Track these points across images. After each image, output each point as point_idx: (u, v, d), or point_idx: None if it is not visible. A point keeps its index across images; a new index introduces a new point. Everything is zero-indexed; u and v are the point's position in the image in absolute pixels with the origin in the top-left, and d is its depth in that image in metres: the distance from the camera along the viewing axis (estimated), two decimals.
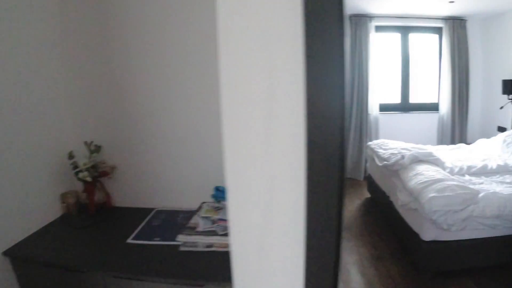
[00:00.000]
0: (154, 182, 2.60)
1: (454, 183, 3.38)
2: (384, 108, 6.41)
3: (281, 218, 1.11)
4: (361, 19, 5.88)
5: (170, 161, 2.55)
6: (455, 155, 4.90)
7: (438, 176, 3.55)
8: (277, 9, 0.96)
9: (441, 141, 6.55)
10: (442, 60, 6.31)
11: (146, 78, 2.44)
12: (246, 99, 1.00)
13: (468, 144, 6.27)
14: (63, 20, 2.42)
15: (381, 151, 4.62)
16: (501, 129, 6.11)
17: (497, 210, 3.30)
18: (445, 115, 6.43)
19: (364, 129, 6.11)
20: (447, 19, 6.15)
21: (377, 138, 6.18)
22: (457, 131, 6.46)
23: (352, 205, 5.20)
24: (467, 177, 4.03)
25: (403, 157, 4.08)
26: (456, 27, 6.17)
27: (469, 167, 4.22)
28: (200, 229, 2.05)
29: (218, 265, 1.80)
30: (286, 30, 0.94)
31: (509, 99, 5.78)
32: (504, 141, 4.90)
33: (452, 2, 5.18)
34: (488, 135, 6.27)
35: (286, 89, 0.95)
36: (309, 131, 0.96)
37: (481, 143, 5.36)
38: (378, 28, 6.20)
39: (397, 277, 3.51)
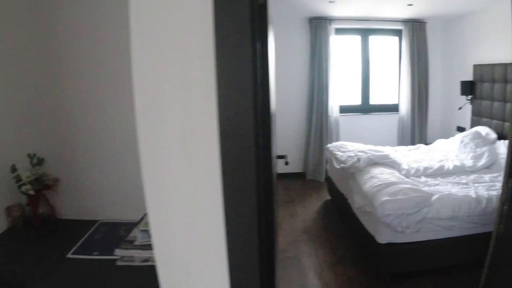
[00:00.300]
0: (98, 194, 2.53)
1: (407, 186, 3.38)
2: (344, 109, 6.42)
3: (204, 235, 1.14)
4: (321, 22, 5.87)
5: (113, 172, 2.48)
6: (413, 156, 4.93)
7: (392, 179, 3.55)
8: (190, 23, 1.00)
9: (401, 141, 6.62)
10: (402, 62, 6.39)
11: (85, 90, 2.40)
12: (162, 115, 1.05)
13: (428, 144, 6.35)
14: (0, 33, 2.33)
15: (339, 154, 4.61)
16: (460, 129, 6.22)
17: (451, 212, 3.31)
18: (405, 116, 6.50)
19: (325, 131, 6.10)
20: (406, 21, 6.22)
21: (337, 140, 6.18)
22: (417, 131, 6.55)
23: (313, 207, 5.18)
24: (423, 178, 4.05)
25: (359, 160, 4.07)
26: (416, 29, 6.25)
27: (426, 169, 4.25)
28: (138, 242, 1.95)
29: (154, 280, 1.71)
30: (198, 45, 1.00)
31: (468, 100, 5.88)
32: (462, 141, 4.97)
33: (411, 5, 5.22)
34: (447, 135, 6.36)
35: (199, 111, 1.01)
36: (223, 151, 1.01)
37: (440, 143, 5.44)
38: (338, 31, 6.21)
39: (355, 280, 3.48)
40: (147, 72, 1.04)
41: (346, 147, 4.78)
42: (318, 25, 5.88)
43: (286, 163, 2.26)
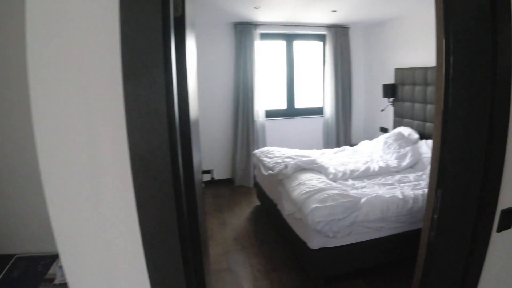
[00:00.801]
0: (13, 224, 2.21)
1: (336, 191, 3.33)
2: (270, 114, 6.37)
3: (123, 274, 1.00)
4: (246, 27, 5.79)
5: (29, 200, 2.18)
6: (339, 159, 4.97)
7: (320, 185, 3.49)
8: (94, 49, 0.91)
9: (327, 144, 6.68)
10: (325, 66, 6.45)
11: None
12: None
13: (353, 145, 6.46)
14: None
15: (266, 160, 4.52)
16: (384, 130, 6.41)
17: (380, 213, 3.33)
18: (330, 118, 6.59)
19: (251, 136, 6.00)
20: (330, 26, 6.29)
21: (264, 145, 6.12)
22: (342, 133, 6.65)
23: (243, 214, 5.05)
24: (350, 181, 4.05)
25: (286, 166, 4.00)
26: (339, 35, 6.34)
27: (352, 171, 4.25)
28: (58, 281, 1.71)
29: None
30: (104, 71, 0.90)
31: (390, 102, 6.06)
32: (385, 142, 5.08)
33: (335, 11, 5.28)
34: (371, 136, 6.56)
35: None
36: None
37: (364, 144, 5.53)
38: (264, 36, 6.15)
39: (291, 286, 3.40)
40: (47, 101, 0.89)
41: (273, 153, 4.70)
42: (243, 30, 5.80)
43: (212, 179, 2.12)
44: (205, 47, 5.79)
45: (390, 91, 5.89)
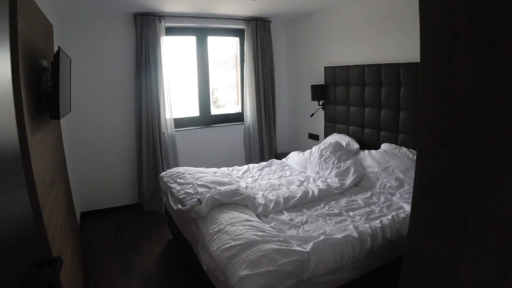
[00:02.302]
0: None
1: (274, 246, 2.30)
2: (181, 123, 5.31)
3: None
4: (149, 19, 4.64)
5: None
6: (267, 178, 4.02)
7: (249, 234, 2.41)
8: None
9: (249, 155, 5.76)
10: (245, 65, 5.48)
11: None
12: None
13: (279, 156, 5.61)
14: None
15: (175, 188, 3.42)
16: (313, 137, 5.64)
17: (333, 263, 2.40)
18: (251, 125, 5.64)
19: (159, 152, 4.86)
20: (249, 19, 5.35)
21: (175, 160, 5.06)
22: (266, 142, 5.73)
23: (152, 254, 3.88)
24: (285, 215, 3.04)
25: (199, 201, 2.93)
26: (260, 29, 5.42)
27: (287, 199, 3.26)
28: None
29: None
30: None
31: (320, 105, 5.24)
32: (321, 155, 4.19)
33: (254, 0, 4.31)
34: (299, 144, 5.82)
35: None
36: None
37: (294, 157, 4.61)
38: (171, 30, 5.07)
39: None
40: None
41: (184, 176, 3.63)
42: (145, 23, 4.64)
43: None
44: (96, 43, 4.57)
45: (319, 93, 5.07)
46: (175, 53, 5.27)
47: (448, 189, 1.47)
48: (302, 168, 4.33)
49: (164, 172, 3.93)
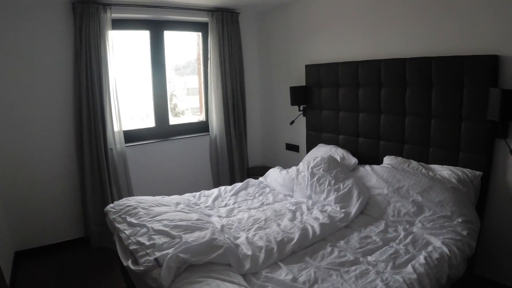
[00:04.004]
0: None
1: None
2: (133, 137, 4.35)
3: None
4: (91, 8, 3.66)
5: None
6: (246, 208, 3.14)
7: None
8: None
9: (217, 172, 4.87)
10: (209, 65, 4.60)
11: None
12: None
13: (252, 169, 4.95)
14: None
15: (124, 231, 2.48)
16: (292, 147, 4.85)
17: None
18: (219, 136, 4.77)
19: (105, 173, 3.88)
20: (214, 10, 4.48)
21: (127, 184, 4.11)
22: (236, 156, 4.88)
23: None
24: (283, 269, 2.12)
25: (157, 262, 2.01)
26: (227, 22, 4.57)
27: (281, 245, 2.36)
28: None
29: None
30: None
31: (301, 110, 4.45)
32: (312, 174, 3.38)
33: None
34: (276, 156, 5.06)
35: None
36: None
37: (275, 176, 3.78)
38: (119, 23, 4.12)
39: None
40: None
41: (137, 213, 2.68)
42: (85, 12, 3.65)
43: None
44: (23, 38, 3.56)
45: (300, 96, 4.28)
46: (125, 51, 4.30)
47: None
48: (288, 191, 3.51)
49: (111, 205, 2.94)
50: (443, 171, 3.02)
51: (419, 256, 2.28)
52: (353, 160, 3.60)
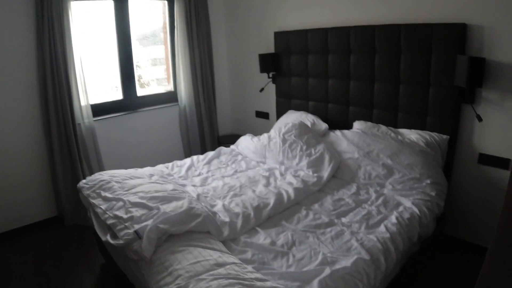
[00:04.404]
0: None
1: None
2: (101, 110, 4.19)
3: None
4: None
5: None
6: (220, 176, 3.17)
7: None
8: None
9: (188, 142, 4.83)
10: (176, 34, 4.47)
11: None
12: None
13: (222, 138, 4.97)
14: None
15: (100, 206, 2.44)
16: (261, 115, 4.87)
17: None
18: (188, 106, 4.71)
19: (75, 149, 3.79)
20: None
21: (98, 159, 4.01)
22: (206, 125, 4.84)
23: (81, 286, 2.96)
24: (261, 234, 2.21)
25: (138, 235, 2.00)
26: None
27: (258, 210, 2.42)
28: None
29: None
30: None
31: (270, 78, 4.44)
32: (284, 140, 3.41)
33: None
34: (245, 124, 5.05)
35: None
36: None
37: (247, 143, 3.79)
38: None
39: None
40: None
41: (111, 187, 2.66)
42: None
43: None
44: None
45: (270, 63, 4.26)
46: (88, 23, 4.12)
47: None
48: (260, 157, 3.54)
49: (83, 181, 2.89)
50: (412, 135, 3.12)
51: (390, 216, 2.39)
52: (324, 125, 3.65)
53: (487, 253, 1.08)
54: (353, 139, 3.23)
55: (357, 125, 3.49)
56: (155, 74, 5.05)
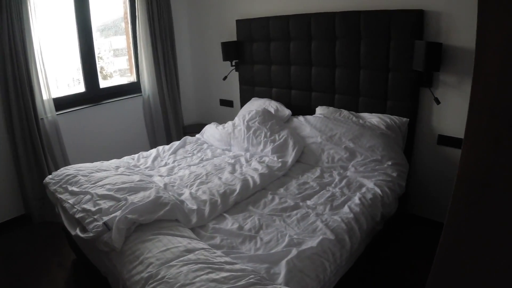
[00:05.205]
0: None
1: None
2: (64, 104, 4.09)
3: None
4: None
5: None
6: (186, 165, 3.17)
7: (204, 281, 1.55)
8: None
9: (153, 132, 4.79)
10: (138, 24, 4.40)
11: None
12: None
13: (188, 127, 4.96)
14: None
15: (67, 200, 2.43)
16: (226, 103, 4.90)
17: (317, 283, 1.76)
18: (152, 96, 4.66)
19: (39, 145, 3.69)
20: None
21: (63, 154, 3.92)
22: (171, 115, 4.79)
23: (53, 283, 2.90)
24: (229, 220, 2.25)
25: (107, 226, 2.00)
26: None
27: (224, 197, 2.45)
28: None
29: None
30: None
31: (233, 66, 4.44)
32: (248, 127, 3.44)
33: None
34: (210, 113, 5.09)
35: None
36: None
37: (212, 132, 3.79)
38: None
39: None
40: None
41: (77, 180, 2.64)
42: None
43: None
44: None
45: (232, 51, 4.26)
46: (48, 13, 3.97)
47: None
48: (225, 145, 3.56)
49: (49, 177, 2.85)
50: (372, 118, 3.21)
51: (354, 197, 2.47)
52: (287, 111, 3.71)
53: (444, 224, 1.15)
54: (316, 124, 3.30)
55: (320, 110, 3.56)
56: (118, 65, 4.96)
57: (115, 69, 4.93)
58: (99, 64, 4.51)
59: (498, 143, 1.02)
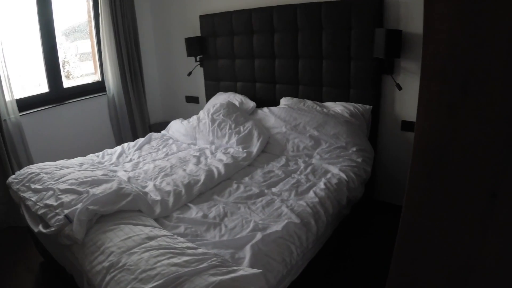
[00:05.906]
0: None
1: (212, 278, 1.47)
2: (27, 105, 3.97)
3: None
4: None
5: None
6: (151, 160, 3.12)
7: (165, 266, 1.54)
8: None
9: (119, 131, 4.71)
10: (100, 22, 4.30)
11: None
12: None
13: (154, 125, 4.90)
14: None
15: (30, 198, 2.36)
16: (191, 99, 4.88)
17: (283, 266, 1.77)
18: (116, 95, 4.58)
19: (2, 147, 3.53)
20: None
21: (27, 156, 3.79)
22: (136, 113, 4.72)
23: (22, 286, 2.79)
24: (193, 209, 2.24)
25: (68, 218, 1.95)
26: None
27: (189, 187, 2.43)
28: None
29: None
30: None
31: (197, 61, 4.41)
32: (213, 120, 3.42)
33: None
34: (176, 110, 5.05)
35: None
36: None
37: (177, 127, 3.75)
38: None
39: None
40: None
41: (40, 178, 2.55)
42: None
43: None
44: None
45: (196, 47, 4.23)
46: (10, 14, 3.84)
47: (471, 155, 1.04)
48: (191, 139, 3.53)
49: (12, 177, 2.76)
50: (336, 107, 3.24)
51: (319, 183, 2.48)
52: (252, 104, 3.71)
53: (404, 199, 1.16)
54: (280, 115, 3.31)
55: (284, 101, 3.58)
56: (84, 69, 4.84)
57: (82, 73, 4.81)
58: (65, 69, 4.39)
59: (452, 109, 1.03)
